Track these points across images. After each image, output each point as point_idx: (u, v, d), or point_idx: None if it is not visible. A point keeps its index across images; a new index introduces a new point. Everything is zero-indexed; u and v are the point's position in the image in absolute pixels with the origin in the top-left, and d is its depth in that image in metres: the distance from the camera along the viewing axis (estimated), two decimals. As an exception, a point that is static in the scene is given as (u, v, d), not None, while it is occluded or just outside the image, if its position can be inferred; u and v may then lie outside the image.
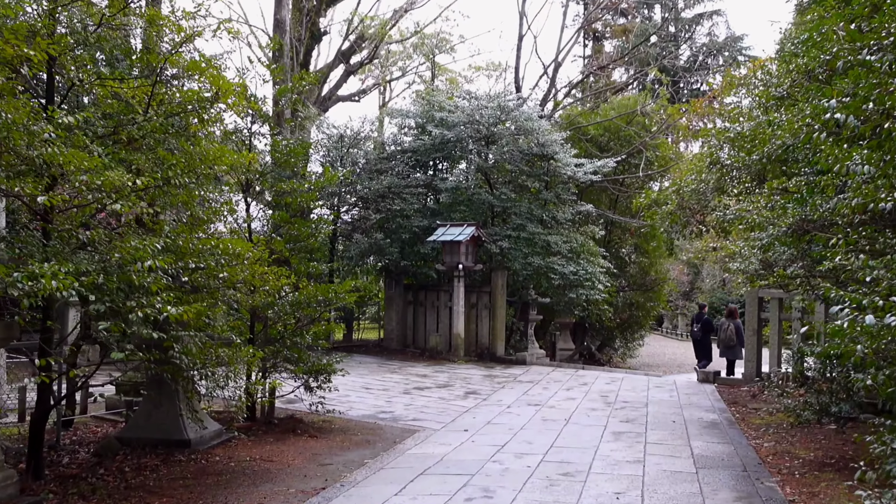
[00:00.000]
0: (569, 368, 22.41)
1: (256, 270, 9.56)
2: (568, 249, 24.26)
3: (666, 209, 17.15)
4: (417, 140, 26.20)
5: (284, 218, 12.24)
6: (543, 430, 12.57)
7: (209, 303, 8.93)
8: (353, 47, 35.45)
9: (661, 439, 11.94)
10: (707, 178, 15.93)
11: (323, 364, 12.75)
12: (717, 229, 16.27)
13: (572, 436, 12.06)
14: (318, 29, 30.69)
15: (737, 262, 11.54)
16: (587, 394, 17.02)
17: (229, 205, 10.56)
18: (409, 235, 24.56)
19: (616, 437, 11.98)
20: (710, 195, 16.35)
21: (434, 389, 17.28)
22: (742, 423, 13.83)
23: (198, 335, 9.49)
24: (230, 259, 9.07)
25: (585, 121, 29.92)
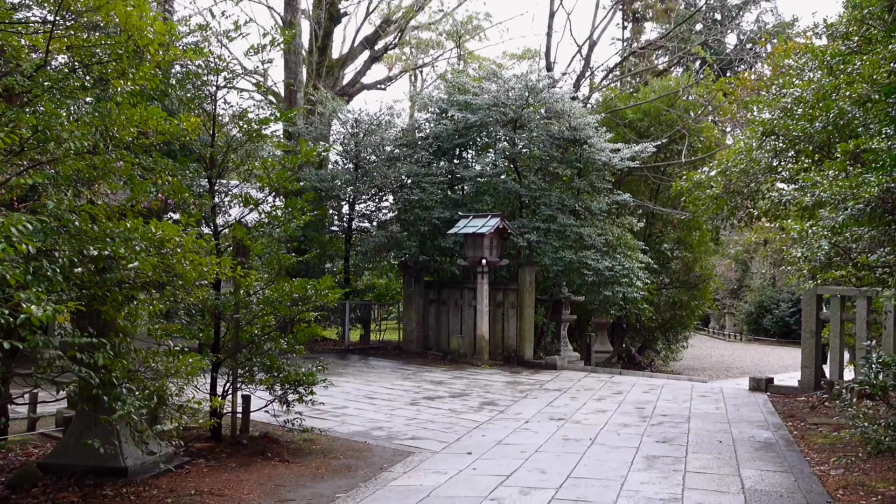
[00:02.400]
0: (603, 374, 20.26)
1: (192, 261, 7.60)
2: (603, 243, 22.12)
3: (710, 193, 14.96)
4: (439, 125, 24.18)
5: (248, 200, 10.27)
6: (562, 453, 10.49)
7: (118, 301, 7.02)
8: (377, 32, 33.64)
9: (705, 466, 9.80)
10: (758, 156, 13.74)
11: (301, 374, 10.78)
12: (770, 215, 14.05)
13: (596, 462, 9.97)
14: (338, 10, 28.83)
15: (799, 249, 9.38)
16: (620, 405, 14.89)
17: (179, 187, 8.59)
18: (428, 228, 22.56)
19: (649, 464, 9.87)
20: (761, 177, 14.16)
21: (446, 399, 15.26)
22: (801, 442, 11.65)
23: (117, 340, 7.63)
24: (151, 246, 7.14)
25: (623, 104, 27.69)
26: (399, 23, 34.26)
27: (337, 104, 24.70)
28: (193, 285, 7.90)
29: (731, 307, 57.39)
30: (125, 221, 7.19)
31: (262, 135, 10.97)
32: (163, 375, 7.99)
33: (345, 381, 17.39)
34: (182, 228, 7.57)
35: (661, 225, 28.47)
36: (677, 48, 31.25)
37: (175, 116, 8.42)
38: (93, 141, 7.06)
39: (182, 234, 7.46)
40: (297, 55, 26.35)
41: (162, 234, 7.27)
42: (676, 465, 9.86)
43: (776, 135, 12.16)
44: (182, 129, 8.35)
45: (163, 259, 7.49)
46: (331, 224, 25.71)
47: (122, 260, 6.87)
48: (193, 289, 7.96)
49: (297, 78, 26.25)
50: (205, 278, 7.86)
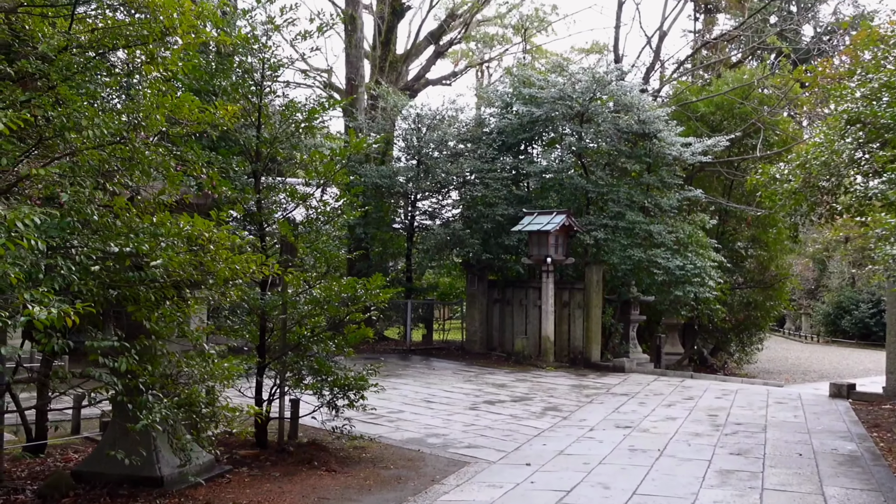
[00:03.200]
0: (674, 377, 19.37)
1: (227, 259, 7.07)
2: (673, 241, 21.20)
3: (788, 187, 14.02)
4: (503, 119, 23.49)
5: (294, 194, 9.73)
6: (628, 465, 9.76)
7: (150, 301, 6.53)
8: (442, 27, 33.06)
9: (784, 483, 8.98)
10: (840, 147, 12.79)
11: (351, 378, 10.21)
12: (853, 211, 13.09)
13: (664, 476, 9.21)
14: (401, 4, 28.28)
15: (892, 246, 8.49)
16: (692, 412, 14.05)
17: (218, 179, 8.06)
18: (492, 225, 21.89)
19: (723, 480, 9.08)
20: (843, 170, 13.21)
21: (507, 404, 14.59)
22: (889, 455, 10.72)
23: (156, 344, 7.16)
24: (180, 242, 6.63)
25: (695, 97, 26.63)
26: (464, 17, 33.65)
27: (399, 98, 24.16)
28: (227, 285, 7.36)
29: (807, 308, 55.55)
30: (150, 216, 6.68)
31: (311, 126, 10.43)
32: (196, 381, 7.49)
33: (403, 384, 16.85)
34: (213, 224, 7.03)
35: (735, 222, 27.34)
36: (752, 38, 30.07)
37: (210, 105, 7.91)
38: (117, 129, 6.56)
39: (213, 229, 6.92)
40: (358, 49, 25.92)
41: (191, 229, 6.75)
42: (752, 481, 9.05)
43: (861, 122, 11.24)
44: (217, 117, 7.82)
45: (194, 256, 6.98)
46: (392, 222, 25.22)
47: (144, 257, 6.35)
48: (226, 289, 7.42)
49: (358, 73, 25.82)
50: (239, 277, 7.32)
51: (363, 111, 25.83)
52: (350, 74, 25.94)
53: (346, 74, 26.34)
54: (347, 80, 26.39)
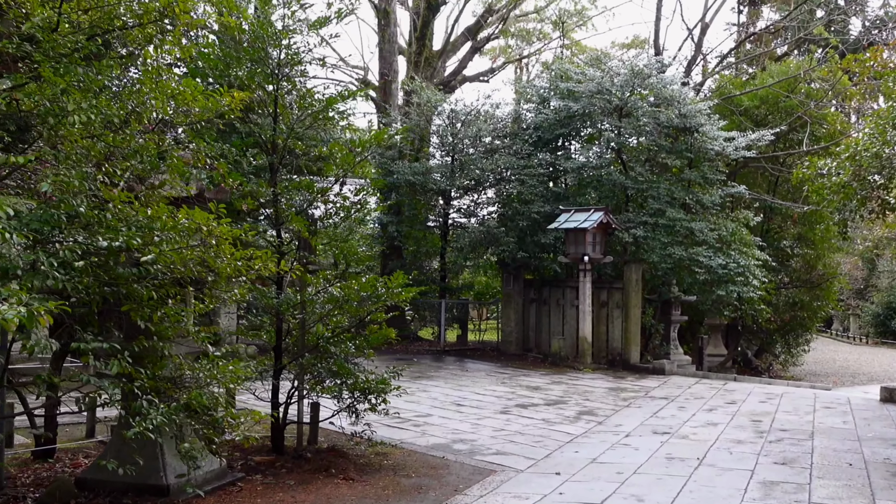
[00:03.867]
0: (716, 380, 18.67)
1: (225, 253, 6.61)
2: (716, 238, 20.47)
3: (837, 181, 13.29)
4: (539, 115, 22.90)
5: (310, 187, 9.23)
6: (664, 475, 9.16)
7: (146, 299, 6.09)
8: (479, 22, 32.50)
9: (833, 496, 8.33)
10: (893, 137, 12.08)
11: (371, 382, 9.71)
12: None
13: (703, 488, 8.60)
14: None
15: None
16: (734, 416, 13.39)
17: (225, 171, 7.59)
18: (527, 223, 21.31)
19: (766, 493, 8.44)
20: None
21: (541, 408, 14.03)
22: (948, 466, 10.02)
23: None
24: (178, 237, 6.18)
25: (738, 90, 25.82)
26: (501, 12, 33.09)
27: (432, 94, 23.65)
28: (230, 282, 6.90)
29: (856, 308, 54.16)
30: (144, 209, 6.24)
31: (328, 117, 9.94)
32: (198, 385, 7.04)
33: (434, 386, 16.35)
34: (213, 217, 6.57)
35: (780, 219, 26.47)
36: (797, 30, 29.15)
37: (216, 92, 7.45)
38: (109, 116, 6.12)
39: (213, 223, 6.46)
40: (391, 44, 25.47)
41: (189, 222, 6.30)
42: (799, 493, 8.41)
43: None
44: (223, 105, 7.36)
45: (192, 251, 6.53)
46: (427, 220, 24.73)
47: (136, 252, 5.91)
48: (228, 287, 6.96)
49: (391, 68, 25.37)
50: (242, 274, 6.85)
51: (396, 107, 25.39)
52: (383, 70, 25.49)
53: (379, 70, 25.91)
54: (380, 76, 25.95)
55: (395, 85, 25.59)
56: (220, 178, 8.16)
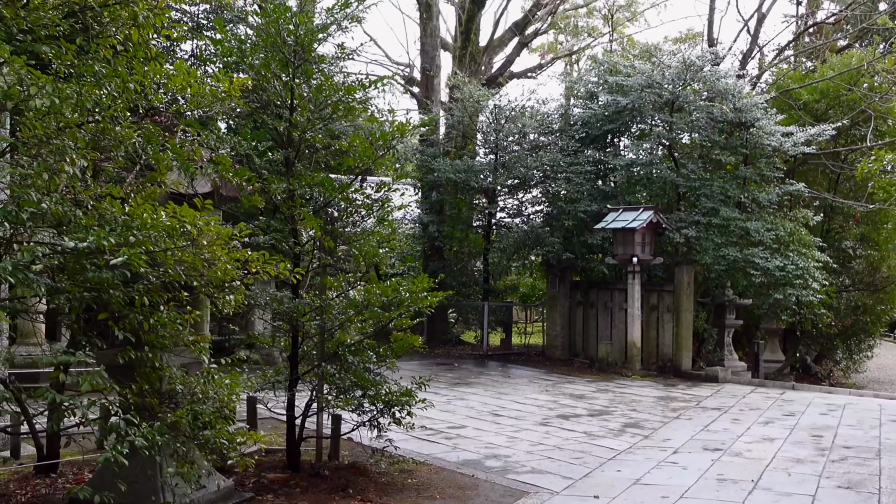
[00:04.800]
0: (772, 389, 17.63)
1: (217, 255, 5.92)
2: (773, 239, 19.39)
3: (907, 176, 12.27)
4: (587, 110, 22.00)
5: (325, 184, 8.50)
6: (714, 500, 8.28)
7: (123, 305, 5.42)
8: (527, 17, 31.64)
9: (907, 529, 7.40)
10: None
11: (394, 393, 8.98)
12: None
13: (758, 517, 7.72)
14: (482, -7, 26.90)
15: None
16: (792, 431, 12.42)
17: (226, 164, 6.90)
18: (573, 223, 20.41)
19: (830, 524, 7.55)
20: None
21: (583, 419, 13.18)
22: None
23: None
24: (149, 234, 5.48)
25: (796, 83, 24.62)
26: (549, 6, 32.18)
27: (475, 89, 22.84)
28: (224, 288, 6.20)
29: (921, 311, 52.20)
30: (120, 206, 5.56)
31: (350, 107, 9.19)
32: (190, 401, 6.36)
33: (472, 393, 15.58)
34: (200, 214, 5.88)
35: (842, 219, 25.18)
36: (860, 19, 27.79)
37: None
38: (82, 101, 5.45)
39: (198, 221, 5.77)
40: (433, 39, 24.72)
41: (171, 221, 5.60)
42: (867, 525, 7.49)
43: None
44: (220, 91, 6.67)
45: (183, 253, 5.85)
46: (469, 219, 23.96)
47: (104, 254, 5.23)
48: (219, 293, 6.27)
49: (433, 63, 24.62)
50: (235, 278, 6.15)
51: (439, 103, 24.67)
52: (425, 64, 24.76)
53: (421, 65, 25.19)
54: (422, 71, 25.22)
55: (438, 80, 24.84)
56: (227, 172, 7.52)
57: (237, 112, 9.61)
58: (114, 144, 6.03)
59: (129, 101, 5.82)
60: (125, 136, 5.86)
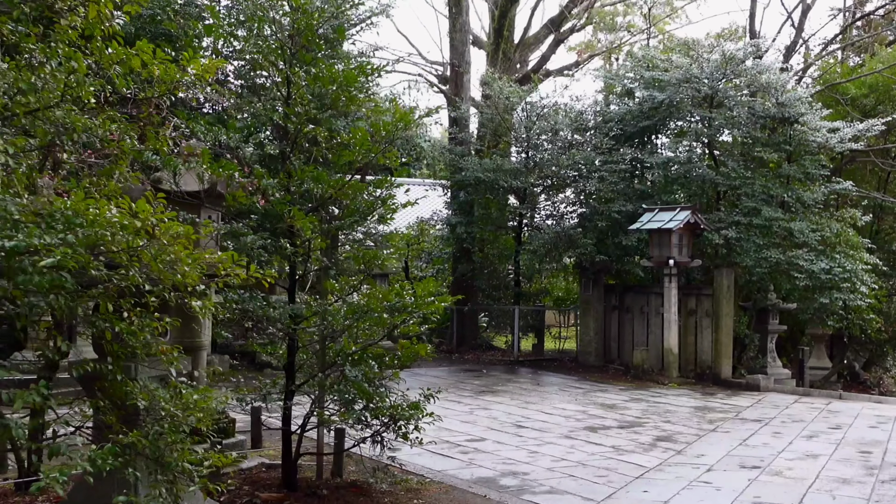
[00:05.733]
0: (818, 398, 16.67)
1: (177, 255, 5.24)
2: (818, 240, 18.41)
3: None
4: (622, 106, 21.15)
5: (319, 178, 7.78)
6: (749, 530, 7.46)
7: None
8: (563, 13, 30.80)
9: (968, 566, 6.53)
10: None
11: (398, 407, 8.24)
12: None
13: (797, 550, 6.89)
14: (516, -13, 26.10)
15: None
16: (838, 446, 11.50)
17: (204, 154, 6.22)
18: (607, 223, 19.55)
19: (879, 559, 6.69)
20: None
21: (612, 431, 12.35)
22: None
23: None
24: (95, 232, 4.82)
25: (843, 77, 23.55)
26: (586, 1, 31.33)
27: (504, 85, 22.07)
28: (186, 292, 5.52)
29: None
30: (62, 199, 4.91)
31: (352, 97, 8.48)
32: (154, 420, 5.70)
33: (497, 402, 14.83)
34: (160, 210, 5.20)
35: (892, 219, 24.09)
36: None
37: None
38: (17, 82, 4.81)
39: (151, 217, 5.09)
40: (463, 34, 23.98)
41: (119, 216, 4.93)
42: (922, 561, 6.63)
43: None
44: (190, 74, 6.01)
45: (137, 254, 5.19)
46: (498, 220, 23.18)
47: (34, 255, 4.58)
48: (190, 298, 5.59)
49: (463, 59, 23.87)
50: (196, 281, 5.46)
51: (468, 100, 23.94)
52: (454, 60, 24.03)
53: (450, 60, 24.47)
54: (451, 67, 24.49)
55: (468, 76, 24.11)
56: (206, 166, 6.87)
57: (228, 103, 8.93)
58: (66, 133, 5.38)
59: (83, 86, 5.16)
60: (75, 122, 5.21)
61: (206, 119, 7.60)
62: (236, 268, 5.68)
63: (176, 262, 5.40)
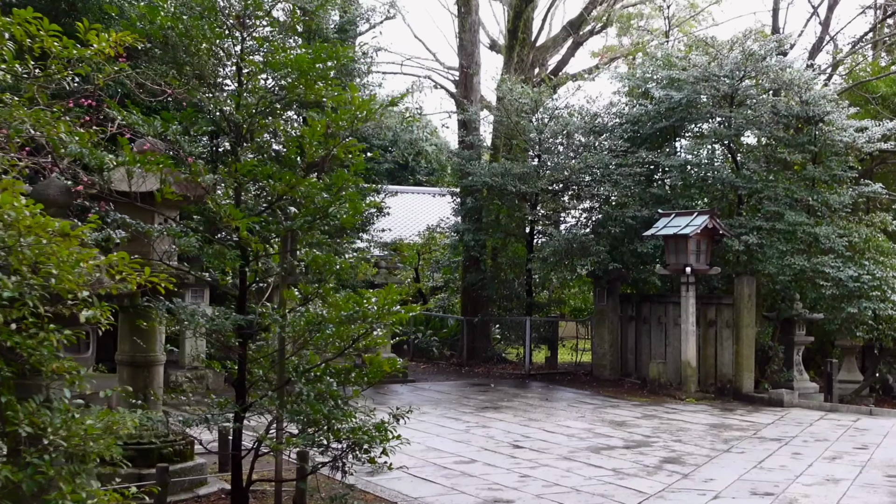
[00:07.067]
0: (846, 414, 15.59)
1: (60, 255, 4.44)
2: (845, 246, 17.35)
3: None
4: (636, 107, 20.21)
5: (265, 174, 6.93)
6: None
7: None
8: (582, 15, 29.90)
9: None
10: None
11: (360, 430, 7.36)
12: None
13: None
14: (530, -13, 25.20)
15: None
16: (863, 469, 10.48)
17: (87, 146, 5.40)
18: (621, 229, 18.59)
19: None
20: None
21: (616, 452, 11.39)
22: None
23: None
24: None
25: (873, 75, 22.45)
26: (607, 3, 30.41)
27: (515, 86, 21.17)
28: (69, 300, 4.71)
29: None
30: None
31: (312, 87, 7.63)
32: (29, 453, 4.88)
33: (498, 420, 13.92)
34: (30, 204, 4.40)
35: (926, 224, 22.95)
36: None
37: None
38: None
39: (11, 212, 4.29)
40: (473, 34, 23.15)
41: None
42: None
43: None
44: (90, 52, 5.20)
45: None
46: (509, 227, 22.27)
47: None
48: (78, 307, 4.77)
49: (473, 60, 23.03)
50: (81, 289, 4.64)
51: (478, 102, 23.09)
52: (463, 61, 23.20)
53: (459, 62, 23.64)
54: (460, 68, 23.65)
55: (478, 78, 23.27)
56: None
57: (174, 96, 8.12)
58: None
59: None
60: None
61: (138, 109, 6.79)
62: (128, 270, 4.86)
63: (51, 264, 4.60)
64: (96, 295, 5.15)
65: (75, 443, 5.00)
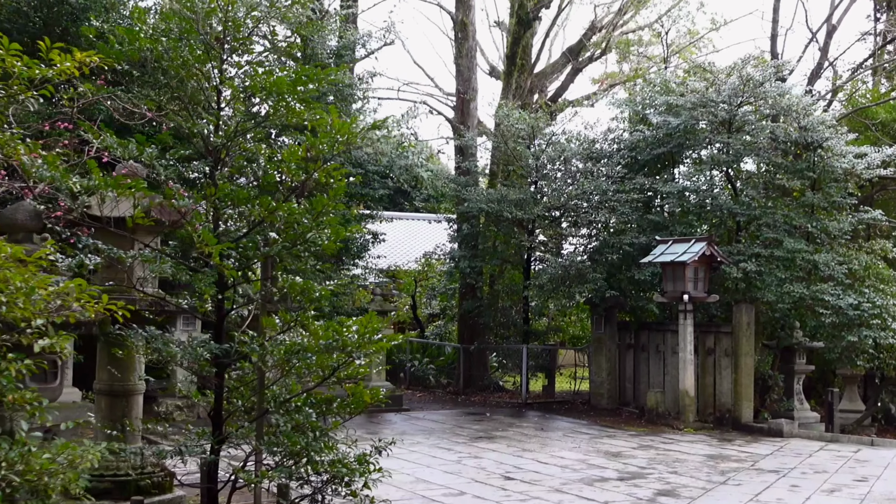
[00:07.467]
0: (847, 445, 15.30)
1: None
2: (845, 273, 17.13)
3: None
4: (634, 133, 20.07)
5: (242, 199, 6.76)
6: None
7: None
8: (581, 42, 29.88)
9: None
10: None
11: (340, 463, 7.14)
12: None
13: None
14: (527, 13, 25.15)
15: None
16: (862, 503, 10.22)
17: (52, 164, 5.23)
18: (618, 256, 18.38)
19: None
20: None
21: (608, 484, 11.13)
22: None
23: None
24: None
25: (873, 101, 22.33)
26: (606, 30, 30.39)
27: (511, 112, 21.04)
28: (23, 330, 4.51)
29: None
30: None
31: (293, 110, 7.47)
32: None
33: (491, 450, 13.64)
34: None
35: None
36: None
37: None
38: None
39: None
40: (470, 59, 23.06)
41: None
42: None
43: None
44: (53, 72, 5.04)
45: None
46: (505, 254, 22.07)
47: None
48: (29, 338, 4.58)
49: (470, 85, 22.93)
50: (28, 314, 4.45)
51: (475, 128, 22.97)
52: (460, 87, 23.10)
53: (456, 87, 23.54)
54: (457, 94, 23.55)
55: (474, 104, 23.15)
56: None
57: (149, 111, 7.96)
58: None
59: None
60: None
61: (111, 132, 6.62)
62: (86, 298, 4.67)
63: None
64: (55, 323, 4.96)
65: (30, 478, 4.79)
